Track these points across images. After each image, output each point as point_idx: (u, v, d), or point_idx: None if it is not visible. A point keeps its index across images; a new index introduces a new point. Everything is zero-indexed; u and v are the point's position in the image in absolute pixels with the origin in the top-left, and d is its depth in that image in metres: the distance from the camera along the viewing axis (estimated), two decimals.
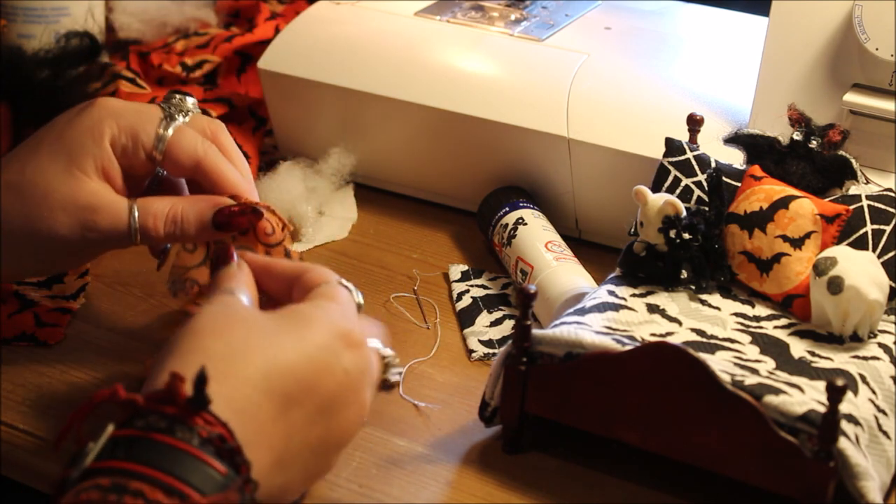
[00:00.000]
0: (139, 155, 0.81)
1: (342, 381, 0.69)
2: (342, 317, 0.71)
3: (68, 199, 0.80)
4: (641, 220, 0.87)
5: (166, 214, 0.80)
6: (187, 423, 0.62)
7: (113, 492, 0.58)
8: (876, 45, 0.92)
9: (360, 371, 0.70)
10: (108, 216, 0.80)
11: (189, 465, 0.60)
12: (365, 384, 0.71)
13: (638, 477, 0.80)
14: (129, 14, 1.23)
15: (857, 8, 0.92)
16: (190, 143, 0.82)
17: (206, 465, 0.61)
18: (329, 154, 1.10)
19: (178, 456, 0.60)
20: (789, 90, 0.96)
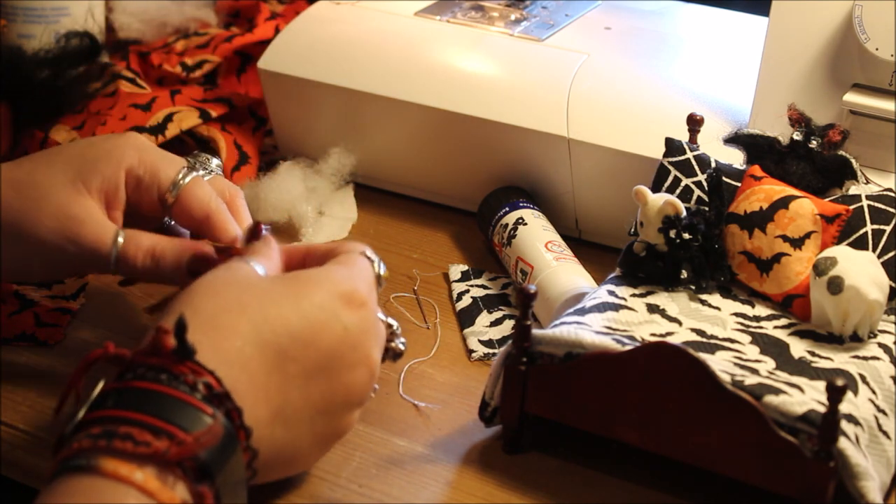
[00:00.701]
0: (152, 193, 0.82)
1: (342, 338, 0.70)
2: (346, 278, 0.72)
3: (61, 206, 0.80)
4: (641, 220, 0.87)
5: (147, 248, 0.81)
6: (173, 372, 0.63)
7: (103, 437, 0.60)
8: (876, 45, 0.92)
9: (361, 330, 0.71)
10: (92, 233, 0.80)
11: (176, 408, 0.62)
12: (369, 343, 0.72)
13: (638, 477, 0.80)
14: (129, 14, 1.23)
15: (857, 8, 0.92)
16: (205, 194, 0.83)
17: (192, 407, 0.62)
18: (329, 154, 1.10)
19: (165, 400, 0.62)
20: (789, 90, 0.96)
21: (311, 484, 0.78)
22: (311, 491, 0.78)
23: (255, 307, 0.68)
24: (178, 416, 0.62)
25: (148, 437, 0.60)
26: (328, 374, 0.69)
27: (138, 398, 0.62)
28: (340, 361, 0.70)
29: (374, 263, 0.76)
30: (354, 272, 0.73)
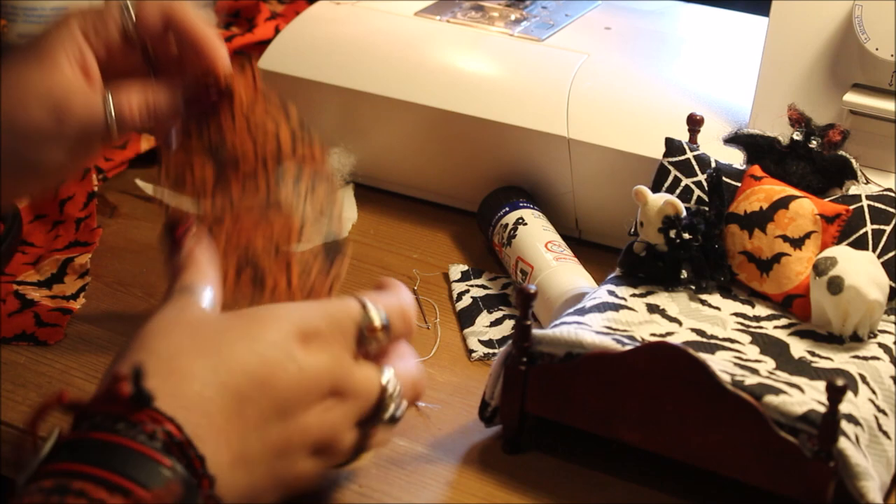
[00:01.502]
0: (111, 32, 0.80)
1: (297, 380, 0.66)
2: (305, 314, 0.68)
3: (42, 89, 0.77)
4: (641, 220, 0.87)
5: (140, 103, 0.79)
6: (130, 420, 0.61)
7: (55, 493, 0.58)
8: (876, 45, 0.92)
9: (318, 371, 0.67)
10: (82, 104, 0.78)
11: (132, 461, 0.59)
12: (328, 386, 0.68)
13: (638, 477, 0.80)
14: None
15: (857, 8, 0.92)
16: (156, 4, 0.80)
17: (151, 460, 0.60)
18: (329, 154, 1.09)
19: (121, 452, 0.60)
20: (789, 90, 0.96)
21: None
22: (312, 491, 0.78)
23: (210, 348, 0.65)
24: (135, 469, 0.59)
25: (102, 494, 0.58)
26: (284, 417, 0.66)
27: (94, 450, 0.60)
28: (297, 403, 0.67)
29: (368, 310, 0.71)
30: (321, 308, 0.70)
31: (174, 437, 0.61)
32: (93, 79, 0.79)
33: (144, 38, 0.81)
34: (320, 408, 0.68)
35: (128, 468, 0.59)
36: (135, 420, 0.61)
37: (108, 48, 0.80)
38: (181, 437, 0.61)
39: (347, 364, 0.69)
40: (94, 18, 0.80)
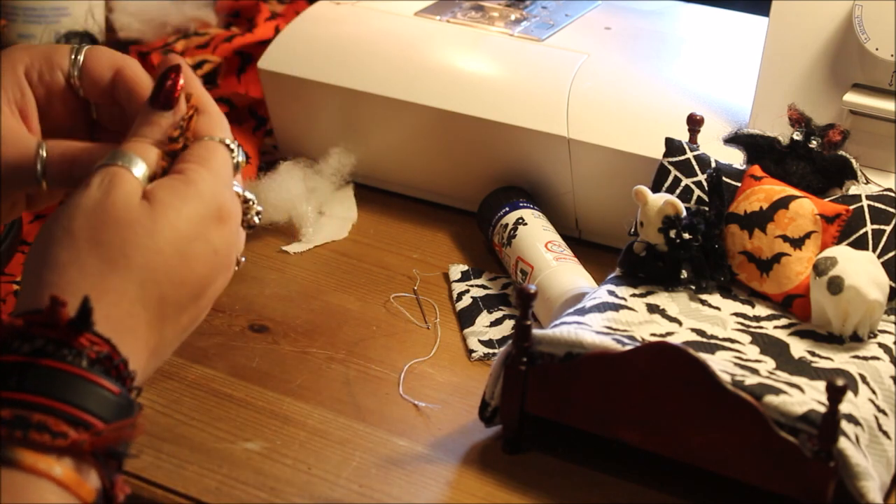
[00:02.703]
0: (56, 77, 0.76)
1: (213, 263, 0.68)
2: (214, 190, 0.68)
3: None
4: (641, 220, 0.87)
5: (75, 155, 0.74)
6: (73, 346, 0.61)
7: (17, 426, 0.58)
8: (876, 45, 0.92)
9: (228, 244, 0.69)
10: (13, 145, 0.73)
11: (84, 390, 0.60)
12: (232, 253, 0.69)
13: (638, 477, 0.80)
14: (129, 14, 1.23)
15: (857, 8, 0.92)
16: (107, 53, 0.77)
17: (100, 388, 0.60)
18: (329, 154, 1.10)
19: (72, 381, 0.60)
20: (789, 90, 0.96)
21: (311, 484, 0.79)
22: (311, 491, 0.78)
23: (140, 262, 0.65)
24: (88, 400, 0.60)
25: (64, 428, 0.58)
26: (199, 299, 0.68)
27: (47, 380, 0.59)
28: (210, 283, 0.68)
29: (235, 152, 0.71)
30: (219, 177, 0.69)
31: (113, 359, 0.61)
32: (30, 123, 0.75)
33: (89, 89, 0.77)
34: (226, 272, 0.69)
35: (83, 399, 0.60)
36: (77, 345, 0.61)
37: (50, 93, 0.76)
38: (118, 359, 0.62)
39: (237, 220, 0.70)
40: (41, 60, 0.76)
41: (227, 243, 0.68)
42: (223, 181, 0.69)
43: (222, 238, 0.68)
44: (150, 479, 0.78)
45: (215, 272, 0.68)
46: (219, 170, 0.69)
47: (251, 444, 0.82)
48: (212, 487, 0.78)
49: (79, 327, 0.61)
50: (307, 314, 0.96)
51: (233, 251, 0.69)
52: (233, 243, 0.69)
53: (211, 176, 0.68)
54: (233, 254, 0.70)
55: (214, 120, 0.72)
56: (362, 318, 0.96)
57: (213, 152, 0.70)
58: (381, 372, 0.90)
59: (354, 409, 0.86)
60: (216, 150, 0.70)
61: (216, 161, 0.69)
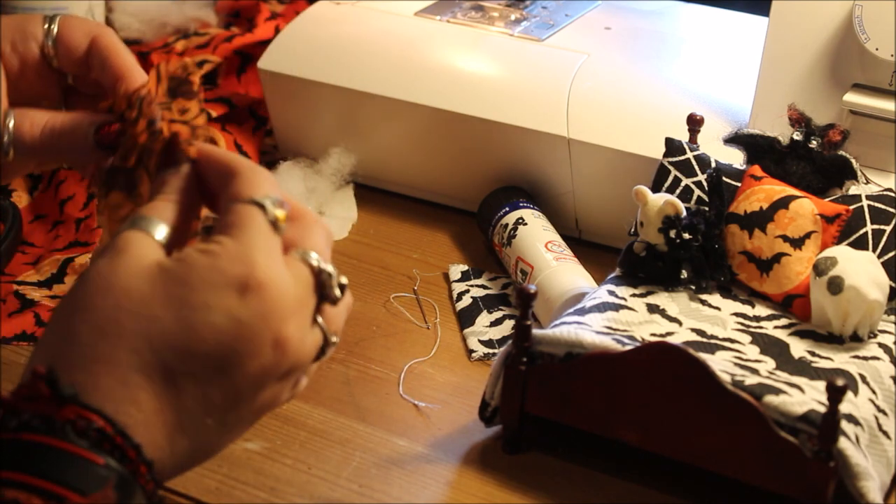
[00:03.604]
0: (30, 47, 0.74)
1: (235, 334, 0.62)
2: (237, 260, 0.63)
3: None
4: (641, 220, 0.87)
5: (45, 123, 0.72)
6: (58, 419, 0.58)
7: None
8: (876, 45, 0.92)
9: (261, 315, 0.62)
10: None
11: (65, 464, 0.58)
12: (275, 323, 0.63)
13: (638, 477, 0.80)
14: (129, 14, 1.23)
15: (857, 8, 0.92)
16: (82, 22, 0.75)
17: (84, 461, 0.58)
18: (329, 154, 1.10)
19: (52, 455, 0.58)
20: (789, 90, 0.96)
21: (311, 484, 0.79)
22: (311, 491, 0.78)
23: (132, 328, 0.61)
24: (68, 474, 0.57)
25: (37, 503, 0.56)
26: (225, 373, 0.62)
27: (25, 454, 0.57)
28: (238, 355, 0.62)
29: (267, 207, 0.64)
30: (245, 243, 0.63)
31: (105, 431, 0.59)
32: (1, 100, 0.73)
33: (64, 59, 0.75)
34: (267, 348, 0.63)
35: (61, 473, 0.57)
36: (62, 418, 0.59)
37: (24, 63, 0.75)
38: (112, 430, 0.59)
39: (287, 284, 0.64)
40: (15, 29, 0.74)
41: (259, 314, 0.62)
42: (254, 247, 0.63)
43: (249, 309, 0.62)
44: None
45: (242, 345, 0.62)
46: (249, 236, 0.63)
47: (251, 444, 0.82)
48: (212, 487, 0.78)
49: (61, 400, 0.59)
50: None
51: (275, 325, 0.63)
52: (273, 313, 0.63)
53: (236, 244, 0.63)
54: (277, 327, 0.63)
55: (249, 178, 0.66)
56: (362, 318, 0.96)
57: (243, 217, 0.64)
58: (381, 372, 0.90)
59: (354, 409, 0.86)
60: (246, 215, 0.64)
61: (246, 227, 0.64)
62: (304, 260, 0.65)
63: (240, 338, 0.62)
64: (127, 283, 0.63)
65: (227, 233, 0.63)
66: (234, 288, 0.62)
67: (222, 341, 0.62)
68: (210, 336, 0.62)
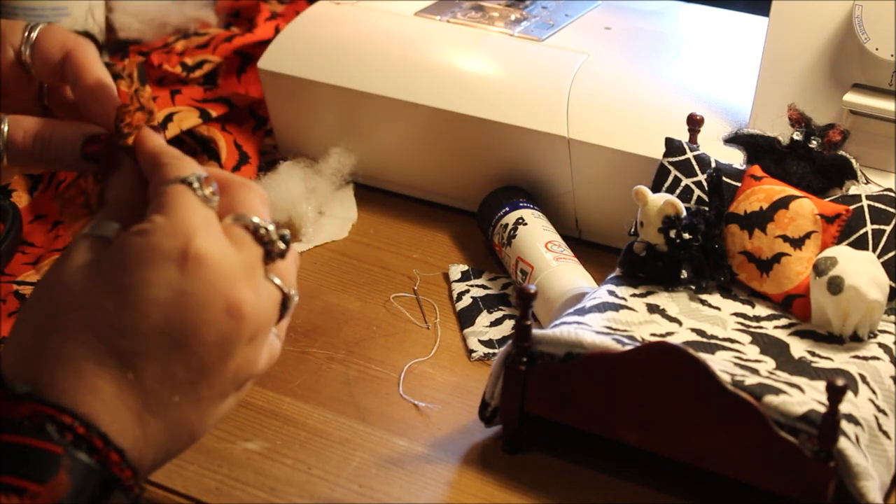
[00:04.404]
0: (7, 53, 0.75)
1: (183, 305, 0.62)
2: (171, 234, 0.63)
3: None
4: (641, 220, 0.87)
5: (36, 131, 0.73)
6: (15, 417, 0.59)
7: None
8: (876, 45, 0.92)
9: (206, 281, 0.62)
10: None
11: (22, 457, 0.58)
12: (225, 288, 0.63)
13: (638, 477, 0.80)
14: (129, 14, 1.23)
15: (857, 8, 0.92)
16: (61, 33, 0.76)
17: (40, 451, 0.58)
18: (329, 154, 1.10)
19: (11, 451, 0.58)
20: (789, 90, 0.96)
21: (311, 484, 0.79)
22: (311, 491, 0.78)
23: (76, 320, 0.62)
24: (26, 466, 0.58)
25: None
26: (183, 346, 0.62)
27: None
28: (192, 327, 0.62)
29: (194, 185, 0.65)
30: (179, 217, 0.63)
31: (65, 423, 0.60)
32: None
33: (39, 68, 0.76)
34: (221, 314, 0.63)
35: (20, 466, 0.58)
36: (19, 415, 0.59)
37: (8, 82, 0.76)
38: (71, 421, 0.60)
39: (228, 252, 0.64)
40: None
41: (203, 282, 0.62)
42: (187, 219, 0.63)
43: (193, 279, 0.62)
44: (150, 479, 0.78)
45: (192, 314, 0.62)
46: (180, 210, 0.64)
47: (251, 444, 0.82)
48: (212, 487, 0.78)
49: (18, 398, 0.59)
50: (307, 314, 0.96)
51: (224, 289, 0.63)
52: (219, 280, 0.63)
53: (165, 220, 0.63)
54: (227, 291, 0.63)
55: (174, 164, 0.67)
56: (362, 318, 0.96)
57: (172, 195, 0.64)
58: (381, 372, 0.90)
59: (354, 409, 0.86)
60: (175, 193, 0.64)
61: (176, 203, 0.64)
62: (239, 223, 0.65)
63: (188, 308, 0.62)
64: (69, 280, 0.64)
65: (158, 212, 0.64)
66: (173, 261, 0.62)
67: (169, 315, 0.62)
68: (154, 311, 0.62)
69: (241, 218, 0.65)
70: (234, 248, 0.64)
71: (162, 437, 0.63)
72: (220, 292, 0.63)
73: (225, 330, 0.63)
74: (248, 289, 0.64)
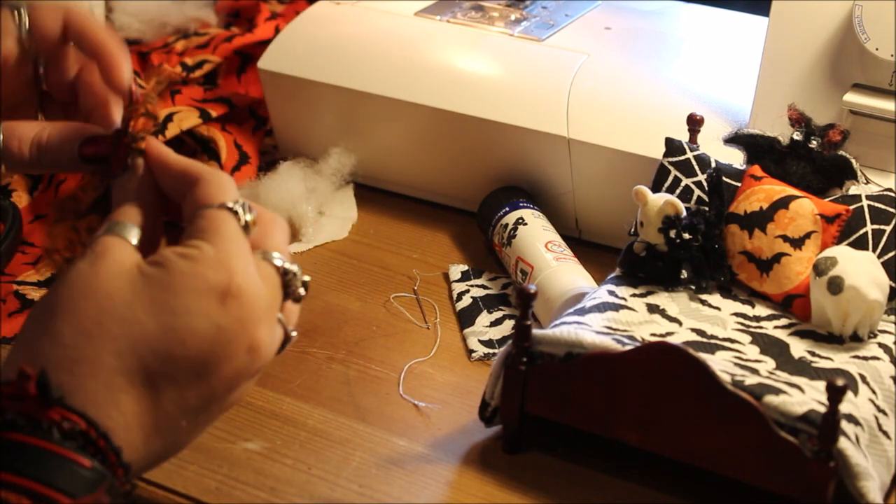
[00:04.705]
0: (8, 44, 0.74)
1: (215, 339, 0.63)
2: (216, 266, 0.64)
3: None
4: (641, 220, 0.87)
5: (32, 137, 0.72)
6: (44, 420, 0.59)
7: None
8: (876, 45, 0.92)
9: (239, 320, 0.64)
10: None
11: (53, 466, 0.58)
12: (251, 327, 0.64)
13: (638, 477, 0.80)
14: (129, 14, 1.23)
15: (857, 8, 0.92)
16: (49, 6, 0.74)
17: (71, 462, 0.58)
18: (329, 154, 1.10)
19: (40, 457, 0.58)
20: (789, 90, 0.96)
21: (311, 484, 0.79)
22: (311, 491, 0.78)
23: (115, 331, 0.62)
24: (56, 475, 0.57)
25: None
26: (203, 377, 0.63)
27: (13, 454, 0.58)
28: (216, 360, 0.63)
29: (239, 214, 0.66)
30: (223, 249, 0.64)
31: (89, 435, 0.60)
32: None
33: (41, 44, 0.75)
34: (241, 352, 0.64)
35: (50, 475, 0.58)
36: (48, 419, 0.59)
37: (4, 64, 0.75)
38: (95, 434, 0.60)
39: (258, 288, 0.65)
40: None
41: (237, 319, 0.64)
42: (232, 254, 0.64)
43: (229, 315, 0.63)
44: (149, 480, 0.78)
45: (221, 349, 0.63)
46: (226, 242, 0.65)
47: (251, 444, 0.82)
48: (212, 487, 0.78)
49: (47, 400, 0.59)
50: (307, 314, 0.96)
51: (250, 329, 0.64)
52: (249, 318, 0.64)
53: (215, 251, 0.64)
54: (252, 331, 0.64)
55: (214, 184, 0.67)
56: (362, 318, 0.96)
57: (217, 222, 0.65)
58: (381, 372, 0.90)
59: (354, 409, 0.86)
60: (220, 220, 0.65)
61: (222, 233, 0.65)
62: (269, 260, 0.66)
63: (218, 342, 0.63)
64: (109, 286, 0.63)
65: (203, 237, 0.65)
66: (215, 294, 0.63)
67: (202, 347, 0.63)
68: (191, 341, 0.63)
69: (269, 256, 0.67)
70: (264, 286, 0.65)
71: (156, 454, 0.64)
72: (248, 332, 0.64)
73: (241, 367, 0.65)
74: (268, 331, 0.65)
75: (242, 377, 0.65)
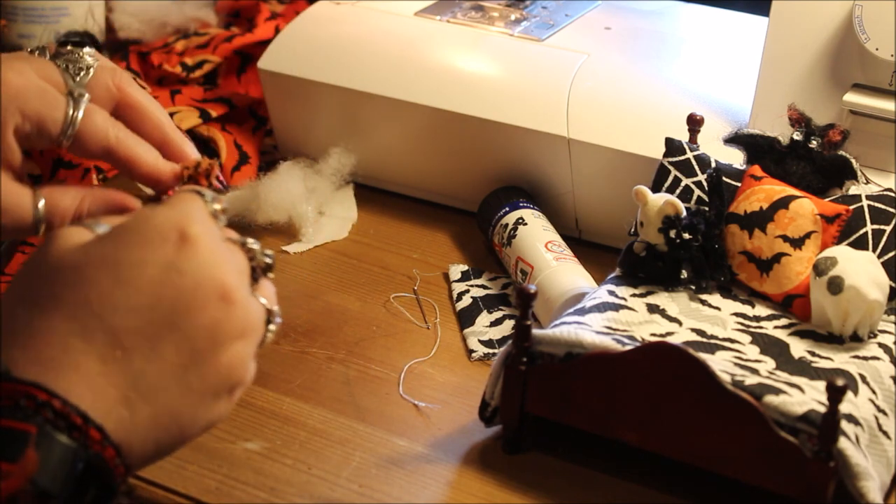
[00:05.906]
0: (44, 141, 0.76)
1: (177, 284, 0.63)
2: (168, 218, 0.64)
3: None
4: (641, 220, 0.87)
5: (73, 212, 0.76)
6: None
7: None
8: (876, 45, 0.92)
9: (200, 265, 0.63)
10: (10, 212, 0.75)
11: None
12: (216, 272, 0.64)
13: (638, 477, 0.80)
14: (129, 14, 1.24)
15: (857, 8, 0.92)
16: (100, 129, 0.77)
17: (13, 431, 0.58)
18: (329, 154, 1.10)
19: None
20: (789, 90, 0.96)
21: (311, 484, 0.79)
22: (311, 491, 0.78)
23: (67, 297, 0.62)
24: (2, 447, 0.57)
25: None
26: (174, 326, 0.63)
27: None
28: (185, 307, 0.63)
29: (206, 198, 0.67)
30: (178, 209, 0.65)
31: (39, 399, 0.59)
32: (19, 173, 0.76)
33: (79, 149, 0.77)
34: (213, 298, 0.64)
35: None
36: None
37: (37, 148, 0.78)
38: (48, 398, 0.59)
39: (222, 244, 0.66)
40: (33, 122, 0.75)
41: (198, 263, 0.63)
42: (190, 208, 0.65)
43: (188, 260, 0.63)
44: (149, 479, 0.78)
45: (187, 294, 0.63)
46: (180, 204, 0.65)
47: (251, 444, 0.82)
48: (212, 487, 0.78)
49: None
50: (307, 314, 0.96)
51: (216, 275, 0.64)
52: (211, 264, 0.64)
53: (166, 207, 0.65)
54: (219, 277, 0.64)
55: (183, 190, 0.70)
56: (362, 318, 0.96)
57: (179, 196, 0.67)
58: (381, 372, 0.90)
59: (354, 409, 0.86)
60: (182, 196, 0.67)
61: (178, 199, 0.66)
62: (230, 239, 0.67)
63: (182, 288, 0.63)
64: (58, 259, 0.64)
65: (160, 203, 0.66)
66: (170, 241, 0.63)
67: (163, 293, 0.63)
68: (149, 288, 0.63)
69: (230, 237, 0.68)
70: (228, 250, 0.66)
71: (149, 423, 0.63)
72: (214, 276, 0.64)
73: (217, 316, 0.64)
74: (240, 283, 0.65)
75: (224, 331, 0.64)
